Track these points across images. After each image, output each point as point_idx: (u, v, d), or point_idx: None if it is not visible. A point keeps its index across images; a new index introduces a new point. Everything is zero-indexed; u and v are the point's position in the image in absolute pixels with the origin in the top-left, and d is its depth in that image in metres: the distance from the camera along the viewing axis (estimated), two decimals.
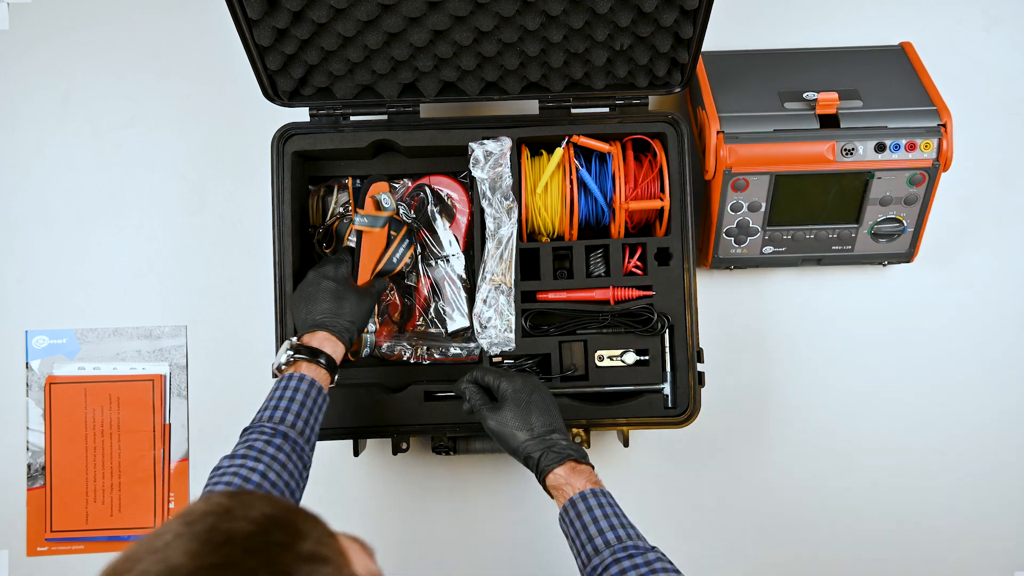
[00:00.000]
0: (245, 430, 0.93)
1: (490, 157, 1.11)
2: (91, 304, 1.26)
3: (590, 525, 0.88)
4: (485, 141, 1.12)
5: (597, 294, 1.13)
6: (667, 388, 1.12)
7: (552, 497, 0.95)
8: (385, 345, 1.18)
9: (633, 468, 1.25)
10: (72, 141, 1.28)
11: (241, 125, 1.27)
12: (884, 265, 1.24)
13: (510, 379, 0.99)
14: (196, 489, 1.24)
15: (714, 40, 1.15)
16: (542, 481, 0.94)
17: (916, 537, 1.24)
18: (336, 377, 1.00)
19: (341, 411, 1.11)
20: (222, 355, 1.26)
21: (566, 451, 0.94)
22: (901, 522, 1.24)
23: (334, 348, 1.00)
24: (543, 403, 0.98)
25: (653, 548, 0.86)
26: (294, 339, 1.00)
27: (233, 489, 0.81)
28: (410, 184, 1.19)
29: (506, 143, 1.12)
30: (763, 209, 1.15)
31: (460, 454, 1.15)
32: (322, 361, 0.97)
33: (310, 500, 1.24)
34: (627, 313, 1.12)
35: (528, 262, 1.15)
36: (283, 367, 0.98)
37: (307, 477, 0.94)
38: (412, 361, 1.18)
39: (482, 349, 1.12)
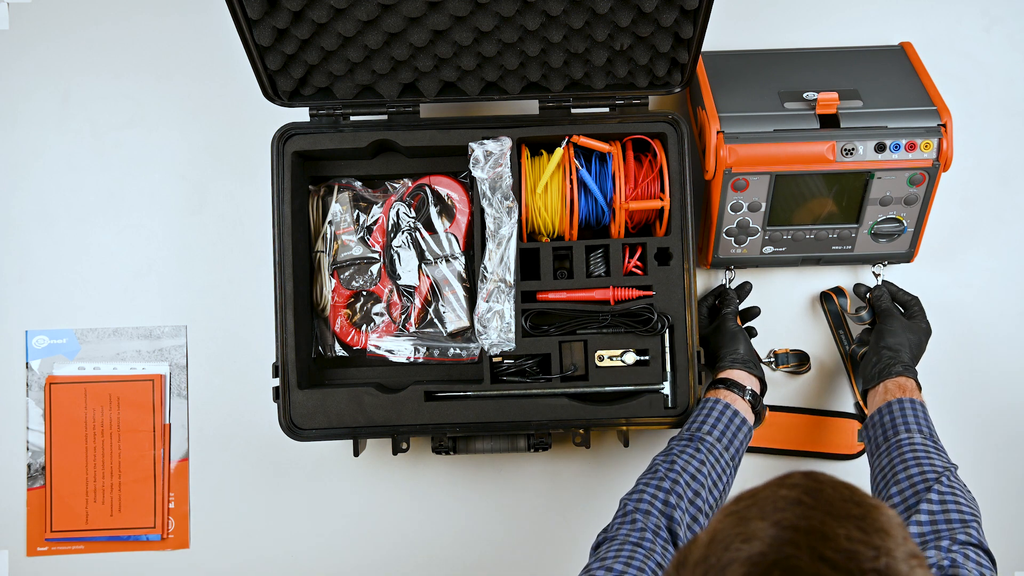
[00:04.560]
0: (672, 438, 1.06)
1: (490, 157, 1.11)
2: (91, 304, 1.26)
3: (910, 419, 1.02)
4: (485, 141, 1.12)
5: (597, 294, 1.13)
6: (667, 388, 1.12)
7: (869, 390, 1.10)
8: (385, 345, 1.18)
9: (633, 468, 1.24)
10: (72, 141, 1.28)
11: (241, 125, 1.27)
12: (884, 265, 1.24)
13: (923, 311, 1.18)
14: (196, 489, 1.24)
15: (714, 40, 1.14)
16: (884, 374, 1.08)
17: None
18: (761, 411, 1.10)
19: (341, 411, 1.11)
20: (222, 355, 1.26)
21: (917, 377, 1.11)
22: None
23: (744, 376, 1.10)
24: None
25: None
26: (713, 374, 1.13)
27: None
28: (410, 184, 1.19)
29: (506, 143, 1.12)
30: (763, 209, 1.15)
31: (460, 454, 1.15)
32: (734, 389, 1.08)
33: (310, 500, 1.25)
34: (627, 313, 1.12)
35: (528, 262, 1.15)
36: (705, 391, 1.11)
37: (729, 483, 1.03)
38: (412, 361, 1.18)
39: (482, 349, 1.12)
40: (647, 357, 1.13)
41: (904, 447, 0.99)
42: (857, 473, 1.24)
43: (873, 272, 1.23)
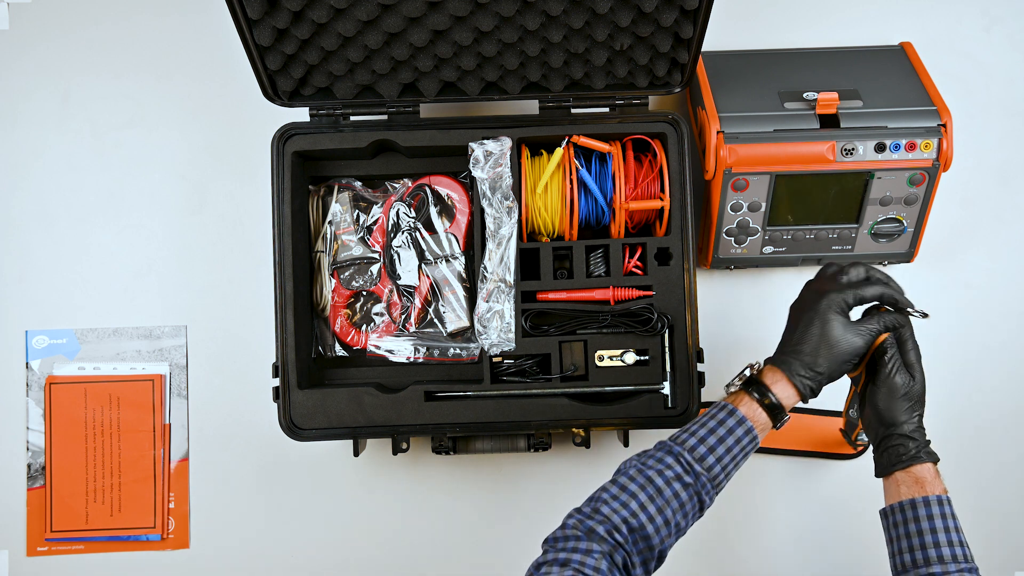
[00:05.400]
0: (662, 444, 0.90)
1: (490, 157, 1.11)
2: (91, 304, 1.26)
3: (940, 532, 0.89)
4: (485, 141, 1.12)
5: (597, 294, 1.13)
6: (667, 388, 1.12)
7: (883, 477, 0.94)
8: (385, 345, 1.18)
9: None
10: (72, 141, 1.28)
11: (241, 125, 1.27)
12: (884, 265, 1.24)
13: (918, 351, 0.94)
14: (196, 489, 1.25)
15: (714, 40, 1.14)
16: (897, 466, 0.92)
17: None
18: (781, 422, 0.92)
19: (341, 411, 1.11)
20: (222, 355, 1.26)
21: (930, 450, 0.94)
22: None
23: (787, 392, 0.91)
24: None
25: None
26: (761, 362, 0.94)
27: None
28: (410, 184, 1.19)
29: (506, 143, 1.12)
30: (763, 209, 1.15)
31: (460, 454, 1.15)
32: (767, 401, 0.90)
33: (310, 500, 1.25)
34: (627, 313, 1.12)
35: (528, 262, 1.15)
36: (730, 389, 0.94)
37: (699, 516, 0.90)
38: (412, 361, 1.18)
39: (482, 349, 1.12)
40: (647, 357, 1.13)
41: None
42: (856, 473, 1.24)
43: None
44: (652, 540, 0.85)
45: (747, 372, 0.95)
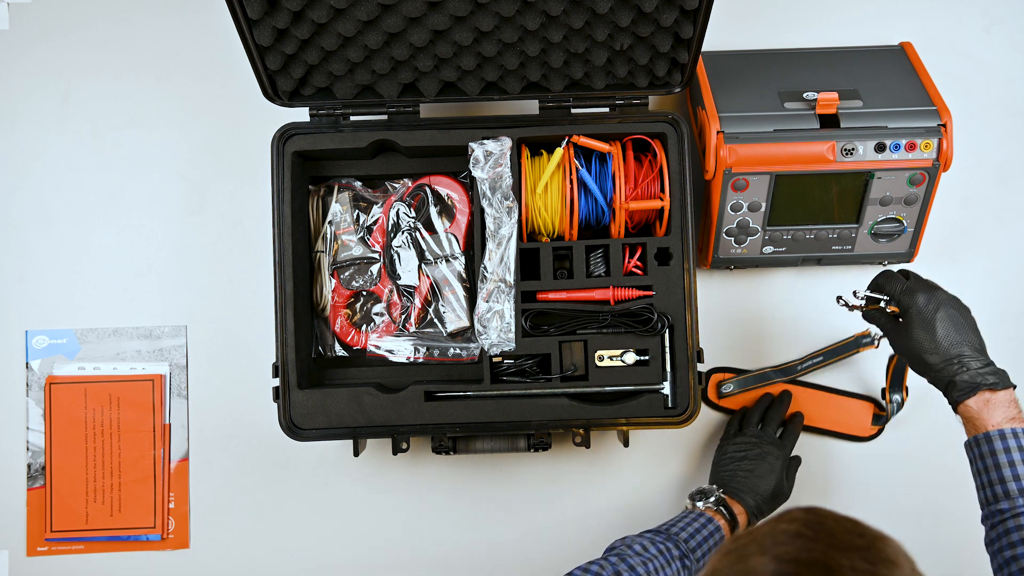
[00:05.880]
0: (652, 530, 1.05)
1: (490, 157, 1.11)
2: (91, 304, 1.26)
3: (1005, 468, 0.89)
4: (485, 141, 1.12)
5: (597, 294, 1.13)
6: (667, 388, 1.12)
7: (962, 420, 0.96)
8: (385, 345, 1.18)
9: (633, 468, 1.25)
10: (72, 141, 1.28)
11: (241, 125, 1.27)
12: (884, 265, 1.24)
13: (911, 295, 0.98)
14: (196, 489, 1.25)
15: (714, 40, 1.14)
16: (955, 408, 0.96)
17: (917, 538, 1.24)
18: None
19: (341, 411, 1.11)
20: (222, 355, 1.26)
21: (977, 378, 0.93)
22: (899, 522, 1.24)
23: (743, 518, 1.10)
24: (950, 320, 0.96)
25: None
26: (721, 492, 1.11)
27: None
28: (410, 184, 1.19)
29: (506, 143, 1.12)
30: (763, 209, 1.15)
31: (460, 454, 1.15)
32: (728, 518, 1.09)
33: (310, 500, 1.25)
34: (627, 313, 1.12)
35: (528, 262, 1.15)
36: (702, 504, 1.10)
37: None
38: (412, 361, 1.18)
39: (482, 349, 1.12)
40: (647, 357, 1.13)
41: None
42: (870, 456, 1.24)
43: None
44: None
45: (713, 498, 1.10)
